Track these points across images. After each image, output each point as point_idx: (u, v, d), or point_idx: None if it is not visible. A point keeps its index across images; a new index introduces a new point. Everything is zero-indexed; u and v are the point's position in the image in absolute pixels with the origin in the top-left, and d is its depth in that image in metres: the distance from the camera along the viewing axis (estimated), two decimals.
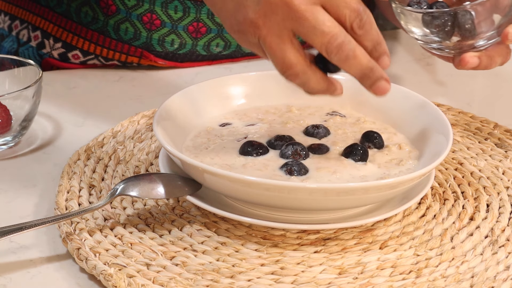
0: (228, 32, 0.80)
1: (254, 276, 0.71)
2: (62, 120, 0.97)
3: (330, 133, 0.84)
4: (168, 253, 0.73)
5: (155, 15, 1.03)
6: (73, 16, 1.06)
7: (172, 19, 1.04)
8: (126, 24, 1.05)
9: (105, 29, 1.05)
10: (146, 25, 1.04)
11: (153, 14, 1.03)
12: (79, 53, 1.07)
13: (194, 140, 0.82)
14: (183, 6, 1.03)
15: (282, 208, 0.75)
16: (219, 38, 1.06)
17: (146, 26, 1.04)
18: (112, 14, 1.04)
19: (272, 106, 0.89)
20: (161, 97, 0.86)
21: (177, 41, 1.05)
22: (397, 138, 0.84)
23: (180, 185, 0.77)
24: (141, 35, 1.05)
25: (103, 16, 1.05)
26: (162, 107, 0.82)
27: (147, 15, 1.04)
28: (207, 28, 1.05)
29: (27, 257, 0.74)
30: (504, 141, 0.91)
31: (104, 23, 1.05)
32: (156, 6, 1.03)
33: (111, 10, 1.04)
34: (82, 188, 0.82)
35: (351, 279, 0.71)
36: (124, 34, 1.05)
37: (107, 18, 1.05)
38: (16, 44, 1.12)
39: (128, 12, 1.04)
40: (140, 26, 1.04)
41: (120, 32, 1.05)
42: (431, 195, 0.82)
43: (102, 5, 1.04)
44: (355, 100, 0.89)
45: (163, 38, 1.05)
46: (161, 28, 1.04)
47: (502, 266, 0.73)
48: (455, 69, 0.88)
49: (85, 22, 1.06)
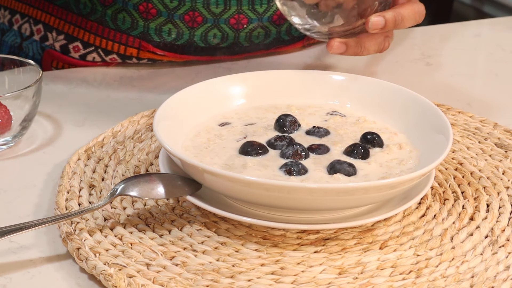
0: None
1: (254, 276, 0.71)
2: (62, 120, 0.97)
3: (330, 133, 0.84)
4: (168, 253, 0.73)
5: (151, 4, 1.04)
6: (72, 7, 1.07)
7: (168, 8, 1.04)
8: (123, 13, 1.05)
9: (103, 19, 1.06)
10: (143, 14, 1.05)
11: (149, 3, 1.04)
12: (80, 45, 1.08)
13: (193, 140, 0.82)
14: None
15: (282, 208, 0.75)
16: (215, 29, 1.06)
17: (143, 15, 1.05)
18: (109, 4, 1.05)
19: (272, 106, 0.89)
20: (161, 97, 0.86)
21: (174, 30, 1.05)
22: (398, 138, 0.84)
23: (180, 185, 0.77)
24: (138, 24, 1.05)
25: (101, 7, 1.06)
26: (162, 107, 0.82)
27: (143, 4, 1.04)
28: (202, 18, 1.05)
29: (27, 257, 0.74)
30: (504, 141, 0.91)
31: (102, 13, 1.06)
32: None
33: (108, 0, 1.05)
34: (82, 188, 0.82)
35: (351, 279, 0.71)
36: (122, 23, 1.06)
37: (105, 9, 1.06)
38: (20, 39, 1.12)
39: (124, 1, 1.05)
40: (136, 16, 1.05)
41: (118, 22, 1.06)
42: (431, 195, 0.82)
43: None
44: (355, 99, 0.89)
45: (160, 27, 1.05)
46: (157, 17, 1.05)
47: (502, 266, 0.73)
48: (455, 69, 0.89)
49: (84, 13, 1.07)
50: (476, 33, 1.26)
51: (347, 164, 0.77)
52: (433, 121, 0.82)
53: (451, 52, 1.19)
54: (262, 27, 1.08)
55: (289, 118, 0.84)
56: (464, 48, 1.21)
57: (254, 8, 1.06)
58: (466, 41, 1.23)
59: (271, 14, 1.07)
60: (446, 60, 1.16)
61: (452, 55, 1.18)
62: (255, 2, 1.05)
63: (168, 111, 0.83)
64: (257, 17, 1.06)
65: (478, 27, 1.28)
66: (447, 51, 1.19)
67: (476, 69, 1.15)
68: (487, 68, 1.15)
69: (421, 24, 0.99)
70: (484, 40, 1.24)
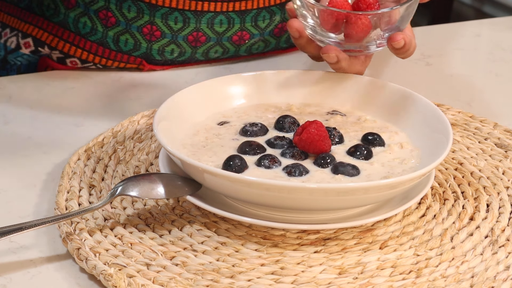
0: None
1: (254, 276, 0.71)
2: (62, 120, 0.97)
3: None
4: (168, 253, 0.73)
5: (155, 27, 1.03)
6: (70, 26, 1.05)
7: (172, 30, 1.03)
8: (126, 35, 1.04)
9: (104, 40, 1.05)
10: (146, 37, 1.04)
11: (153, 25, 1.03)
12: (77, 61, 1.07)
13: (192, 138, 0.82)
14: (183, 17, 1.03)
15: (282, 208, 0.75)
16: (218, 46, 1.06)
17: (146, 37, 1.04)
18: (112, 26, 1.04)
19: (272, 105, 0.89)
20: (161, 97, 0.86)
21: (176, 50, 1.05)
22: (399, 137, 0.84)
23: (180, 185, 0.77)
24: (141, 46, 1.05)
25: (102, 28, 1.04)
26: (162, 107, 0.82)
27: (147, 27, 1.03)
28: (206, 37, 1.04)
29: (27, 257, 0.74)
30: (504, 141, 0.91)
31: (104, 35, 1.04)
32: (156, 18, 1.03)
33: (110, 21, 1.03)
34: (82, 188, 0.82)
35: (351, 279, 0.71)
36: (124, 45, 1.05)
37: (107, 30, 1.04)
38: (3, 52, 1.10)
39: (128, 24, 1.03)
40: (140, 38, 1.04)
41: (120, 44, 1.05)
42: (431, 195, 0.82)
43: (101, 16, 1.04)
44: (355, 99, 0.89)
45: (163, 48, 1.05)
46: (161, 39, 1.04)
47: (502, 266, 0.73)
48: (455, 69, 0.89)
49: (83, 33, 1.05)
50: (476, 33, 1.26)
51: (351, 167, 0.77)
52: (433, 121, 0.82)
53: (451, 52, 1.19)
54: (263, 41, 1.08)
55: (288, 119, 0.84)
56: (464, 48, 1.21)
57: (257, 24, 1.06)
58: (466, 41, 1.23)
59: (273, 28, 1.07)
60: (446, 60, 1.16)
61: (452, 55, 1.18)
62: (258, 19, 1.05)
63: (168, 111, 0.83)
64: (259, 32, 1.07)
65: (478, 27, 1.28)
66: (447, 51, 1.19)
67: (476, 69, 1.15)
68: (487, 68, 1.15)
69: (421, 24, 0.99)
70: (484, 40, 1.24)
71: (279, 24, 1.08)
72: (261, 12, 1.05)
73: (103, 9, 1.03)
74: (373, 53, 0.90)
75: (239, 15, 1.04)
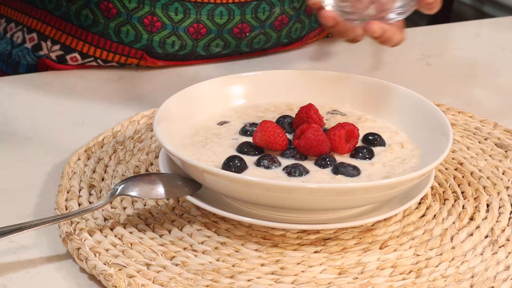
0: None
1: (254, 276, 0.71)
2: (62, 120, 0.97)
3: None
4: (168, 253, 0.73)
5: (156, 17, 1.03)
6: (72, 19, 1.06)
7: (172, 21, 1.04)
8: (127, 26, 1.04)
9: (105, 32, 1.05)
10: (147, 28, 1.04)
11: (154, 16, 1.03)
12: (78, 56, 1.07)
13: (192, 138, 0.82)
14: (183, 8, 1.03)
15: (282, 208, 0.75)
16: (219, 39, 1.06)
17: (147, 28, 1.04)
18: (113, 17, 1.04)
19: (272, 104, 0.89)
20: (161, 97, 0.86)
21: (177, 42, 1.05)
22: (399, 137, 0.84)
23: (180, 185, 0.77)
24: (142, 37, 1.05)
25: (103, 19, 1.05)
26: (162, 107, 0.82)
27: (148, 18, 1.03)
28: (207, 29, 1.05)
29: (27, 257, 0.74)
30: (504, 141, 0.91)
31: (105, 26, 1.05)
32: (157, 8, 1.03)
33: (111, 13, 1.04)
34: (82, 188, 0.82)
35: (351, 279, 0.71)
36: (125, 36, 1.05)
37: (108, 21, 1.04)
38: (10, 46, 1.11)
39: (129, 14, 1.04)
40: (141, 29, 1.04)
41: (121, 35, 1.05)
42: (431, 195, 0.82)
43: (103, 8, 1.04)
44: (355, 98, 0.89)
45: (164, 40, 1.05)
46: (162, 30, 1.04)
47: (502, 266, 0.73)
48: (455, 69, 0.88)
49: (85, 25, 1.06)
50: (476, 33, 1.26)
51: (351, 167, 0.77)
52: (433, 121, 0.82)
53: (451, 52, 1.19)
54: (264, 34, 1.08)
55: (288, 119, 0.84)
56: (464, 48, 1.21)
57: (257, 16, 1.06)
58: (466, 41, 1.23)
59: (273, 20, 1.07)
60: (446, 60, 1.16)
61: (452, 55, 1.18)
62: (258, 11, 1.06)
63: (168, 111, 0.83)
64: (260, 24, 1.07)
65: (478, 27, 1.28)
66: (447, 51, 1.19)
67: (476, 69, 1.15)
68: (487, 68, 1.15)
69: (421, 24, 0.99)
70: (484, 40, 1.24)
71: (279, 17, 1.08)
72: (261, 3, 1.06)
73: (104, 1, 1.03)
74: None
75: (239, 7, 1.05)
